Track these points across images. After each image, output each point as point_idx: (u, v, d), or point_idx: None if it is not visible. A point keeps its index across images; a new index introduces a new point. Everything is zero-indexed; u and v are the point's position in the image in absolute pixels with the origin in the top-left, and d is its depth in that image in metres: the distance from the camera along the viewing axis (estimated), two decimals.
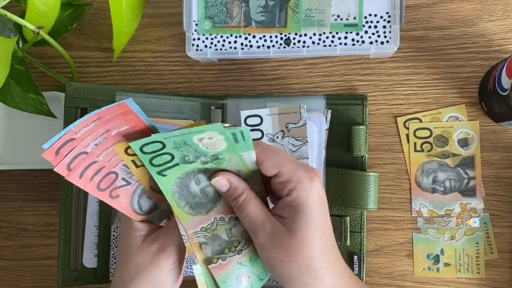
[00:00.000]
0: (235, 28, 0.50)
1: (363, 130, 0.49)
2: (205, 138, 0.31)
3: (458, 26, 0.51)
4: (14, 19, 0.45)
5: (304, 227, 0.33)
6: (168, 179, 0.34)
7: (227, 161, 0.34)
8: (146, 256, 0.37)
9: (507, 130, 0.50)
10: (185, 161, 0.33)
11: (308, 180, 0.34)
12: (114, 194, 0.36)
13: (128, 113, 0.32)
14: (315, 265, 0.33)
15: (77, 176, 0.33)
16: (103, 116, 0.32)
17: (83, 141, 0.32)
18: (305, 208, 0.34)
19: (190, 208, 0.36)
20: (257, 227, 0.34)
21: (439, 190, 0.50)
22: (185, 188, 0.35)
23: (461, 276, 0.49)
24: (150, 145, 0.32)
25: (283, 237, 0.34)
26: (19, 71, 0.47)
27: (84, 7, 0.54)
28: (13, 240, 0.55)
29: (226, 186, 0.35)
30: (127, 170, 0.35)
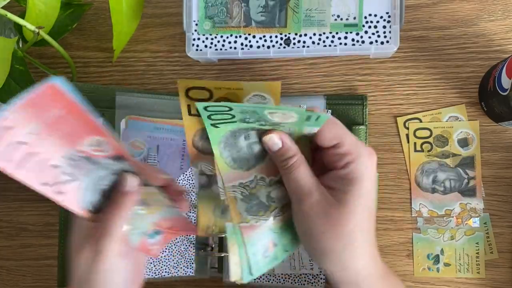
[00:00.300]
0: (235, 28, 0.50)
1: (363, 130, 0.49)
2: (278, 113, 0.30)
3: (458, 26, 0.51)
4: (14, 19, 0.45)
5: (355, 201, 0.32)
6: (219, 130, 0.33)
7: (285, 129, 0.33)
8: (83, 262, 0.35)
9: (507, 130, 0.50)
10: (244, 121, 0.32)
11: (368, 155, 0.34)
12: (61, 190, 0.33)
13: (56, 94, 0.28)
14: (356, 243, 0.33)
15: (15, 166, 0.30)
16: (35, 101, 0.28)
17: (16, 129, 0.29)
18: (361, 183, 0.33)
19: (232, 161, 0.34)
20: (304, 193, 0.33)
21: (439, 190, 0.50)
22: (233, 140, 0.34)
23: (461, 276, 0.49)
24: (217, 107, 0.30)
25: (330, 207, 0.32)
26: (19, 71, 0.47)
27: (84, 7, 0.54)
28: (13, 240, 0.55)
29: (278, 144, 0.34)
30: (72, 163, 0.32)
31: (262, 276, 0.49)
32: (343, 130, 0.34)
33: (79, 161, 0.33)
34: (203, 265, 0.50)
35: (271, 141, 0.34)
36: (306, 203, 0.33)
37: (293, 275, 0.49)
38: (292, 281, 0.49)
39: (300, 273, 0.48)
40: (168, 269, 0.49)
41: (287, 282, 0.49)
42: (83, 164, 0.33)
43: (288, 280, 0.49)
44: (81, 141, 0.32)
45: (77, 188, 0.34)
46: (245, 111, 0.31)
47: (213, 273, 0.50)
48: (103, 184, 0.36)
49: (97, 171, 0.35)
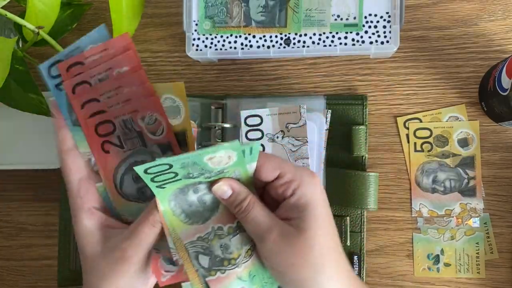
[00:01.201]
0: (235, 28, 0.50)
1: (363, 130, 0.49)
2: (216, 157, 0.31)
3: (458, 26, 0.51)
4: (14, 19, 0.45)
5: (313, 225, 0.33)
6: (166, 190, 0.33)
7: (230, 174, 0.34)
8: (107, 265, 0.35)
9: (507, 130, 0.50)
10: (188, 177, 0.32)
11: (310, 177, 0.34)
12: (106, 148, 0.35)
13: (127, 47, 0.34)
14: (327, 264, 0.33)
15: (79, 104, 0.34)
16: (108, 48, 0.34)
17: (90, 70, 0.34)
18: (313, 205, 0.33)
19: (186, 217, 0.34)
20: (265, 231, 0.33)
21: (439, 190, 0.50)
22: (182, 196, 0.34)
23: (461, 276, 0.49)
24: (157, 167, 0.30)
25: (293, 237, 0.33)
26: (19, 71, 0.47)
27: (84, 7, 0.54)
28: (13, 240, 0.55)
29: (228, 192, 0.34)
30: (125, 130, 0.35)
31: None
32: (280, 160, 0.34)
33: (131, 133, 0.35)
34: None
35: (220, 190, 0.34)
36: (268, 240, 0.33)
37: None
38: None
39: None
40: None
41: None
42: (133, 138, 0.35)
43: None
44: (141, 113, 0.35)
45: (119, 157, 0.36)
46: (185, 165, 0.30)
47: None
48: None
49: (142, 155, 0.36)
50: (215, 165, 0.31)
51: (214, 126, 0.51)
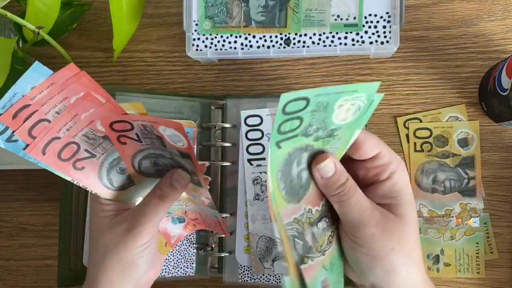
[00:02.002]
0: (235, 28, 0.50)
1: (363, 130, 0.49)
2: (348, 104, 0.28)
3: (458, 26, 0.51)
4: (14, 19, 0.45)
5: (410, 210, 0.33)
6: (280, 153, 0.29)
7: (336, 140, 0.31)
8: (113, 236, 0.35)
9: (507, 130, 0.50)
10: (305, 132, 0.29)
11: (403, 164, 0.33)
12: (79, 166, 0.34)
13: (80, 76, 0.31)
14: (415, 252, 0.33)
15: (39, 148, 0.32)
16: (55, 82, 0.30)
17: (42, 107, 0.31)
18: (407, 190, 0.33)
19: (286, 194, 0.31)
20: (366, 216, 0.32)
21: (439, 190, 0.50)
22: (288, 167, 0.30)
23: (461, 276, 0.49)
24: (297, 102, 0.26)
25: (393, 222, 0.32)
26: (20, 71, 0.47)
27: (84, 7, 0.54)
28: (13, 240, 0.55)
29: (332, 170, 0.31)
30: (89, 141, 0.34)
31: (262, 276, 0.49)
32: (379, 140, 0.33)
33: (98, 140, 0.34)
34: (203, 265, 0.50)
35: (327, 167, 0.31)
36: (371, 225, 0.32)
37: None
38: None
39: None
40: (168, 269, 0.49)
41: None
42: (101, 142, 0.34)
43: None
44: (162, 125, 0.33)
45: (96, 165, 0.35)
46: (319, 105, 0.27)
47: (213, 273, 0.50)
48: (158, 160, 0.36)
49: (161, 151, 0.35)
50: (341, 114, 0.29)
51: (214, 126, 0.51)
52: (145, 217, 0.35)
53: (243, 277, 0.49)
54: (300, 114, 0.27)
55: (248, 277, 0.49)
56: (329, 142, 0.31)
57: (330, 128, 0.30)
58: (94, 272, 0.37)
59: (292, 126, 0.28)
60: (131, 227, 0.35)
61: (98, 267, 0.36)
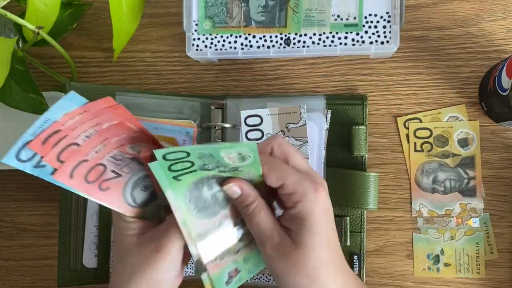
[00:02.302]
0: (235, 28, 0.50)
1: (363, 130, 0.49)
2: (234, 153, 0.31)
3: (458, 26, 0.51)
4: (14, 19, 0.45)
5: (310, 240, 0.34)
6: (182, 183, 0.34)
7: (244, 173, 0.34)
8: (141, 256, 0.36)
9: (507, 130, 0.50)
10: (204, 168, 0.33)
11: (313, 191, 0.34)
12: (104, 187, 0.34)
13: (116, 108, 0.32)
14: (322, 276, 0.34)
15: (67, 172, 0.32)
16: (88, 110, 0.31)
17: (73, 131, 0.31)
18: (311, 221, 0.34)
19: (198, 212, 0.35)
20: (266, 237, 0.35)
21: (439, 190, 0.50)
22: (197, 192, 0.35)
23: (461, 276, 0.49)
24: (175, 154, 0.31)
25: (290, 249, 0.34)
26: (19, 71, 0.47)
27: (84, 7, 0.54)
28: (13, 240, 0.55)
29: (237, 193, 0.35)
30: (116, 162, 0.34)
31: (262, 276, 0.49)
32: (285, 170, 0.35)
33: (124, 161, 0.35)
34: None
35: (230, 190, 0.35)
36: (268, 247, 0.34)
37: None
38: None
39: None
40: None
41: None
42: (127, 162, 0.35)
43: None
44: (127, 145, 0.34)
45: (121, 184, 0.35)
46: (202, 155, 0.31)
47: None
48: (148, 181, 0.37)
49: (143, 170, 0.36)
50: (231, 161, 0.32)
51: (214, 126, 0.51)
52: (170, 236, 0.36)
53: None
54: (186, 159, 0.31)
55: None
56: (239, 174, 0.34)
57: (230, 166, 0.33)
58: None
59: (184, 166, 0.32)
60: (158, 247, 0.36)
61: (125, 285, 0.36)
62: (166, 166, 0.32)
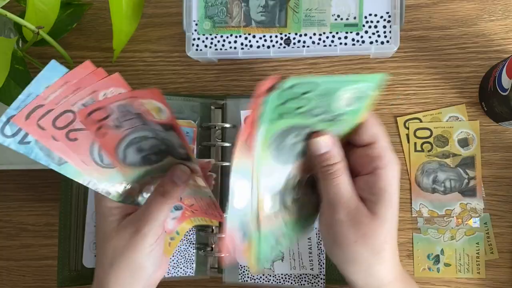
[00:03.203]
0: (235, 28, 0.50)
1: None
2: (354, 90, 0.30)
3: (458, 26, 0.51)
4: (14, 19, 0.45)
5: (386, 212, 0.33)
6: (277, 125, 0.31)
7: (341, 124, 0.33)
8: (121, 240, 0.36)
9: (507, 130, 0.50)
10: (311, 113, 0.31)
11: (396, 162, 0.33)
12: (72, 136, 0.33)
13: (98, 72, 0.31)
14: (385, 252, 0.33)
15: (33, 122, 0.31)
16: (69, 80, 0.30)
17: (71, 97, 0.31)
18: (391, 192, 0.33)
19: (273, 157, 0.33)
20: (341, 202, 0.33)
21: (439, 190, 0.50)
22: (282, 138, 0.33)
23: (461, 276, 0.49)
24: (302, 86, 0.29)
25: (365, 218, 0.33)
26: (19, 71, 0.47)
27: (84, 7, 0.54)
28: (13, 240, 0.55)
29: (327, 148, 0.33)
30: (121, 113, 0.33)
31: (262, 276, 0.49)
32: (381, 131, 0.34)
33: (129, 115, 0.33)
34: (203, 265, 0.50)
35: (321, 143, 0.33)
36: (341, 212, 0.33)
37: (293, 275, 0.49)
38: (292, 281, 0.49)
39: (300, 273, 0.48)
40: (168, 269, 0.49)
41: (287, 282, 0.49)
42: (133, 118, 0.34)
43: (288, 280, 0.49)
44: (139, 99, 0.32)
45: (119, 137, 0.35)
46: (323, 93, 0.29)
47: (213, 273, 0.50)
48: (144, 145, 0.36)
49: (143, 131, 0.35)
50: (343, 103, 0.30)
51: (214, 126, 0.51)
52: (150, 216, 0.36)
53: (243, 277, 0.49)
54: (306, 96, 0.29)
55: (248, 277, 0.49)
56: (334, 125, 0.33)
57: (335, 114, 0.31)
58: (102, 275, 0.37)
59: (298, 104, 0.30)
60: (138, 228, 0.36)
61: (107, 270, 0.37)
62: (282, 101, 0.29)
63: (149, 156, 0.37)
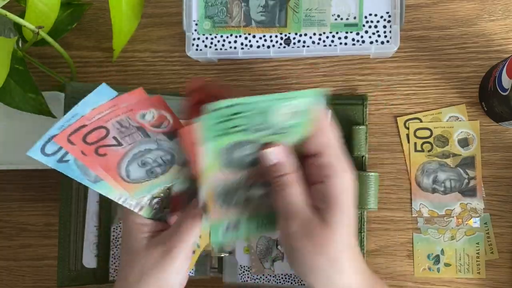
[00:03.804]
0: (235, 28, 0.50)
1: (363, 130, 0.49)
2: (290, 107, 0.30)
3: (458, 26, 0.51)
4: (14, 19, 0.45)
5: (339, 221, 0.32)
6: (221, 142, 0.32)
7: (286, 137, 0.33)
8: (151, 259, 0.36)
9: (507, 130, 0.50)
10: (253, 129, 0.32)
11: (348, 169, 0.33)
12: (101, 152, 0.33)
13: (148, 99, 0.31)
14: (342, 260, 0.33)
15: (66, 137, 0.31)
16: (118, 104, 0.30)
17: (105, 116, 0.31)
18: (342, 200, 0.33)
19: (224, 166, 0.34)
20: (293, 212, 0.33)
21: (439, 190, 0.50)
22: (230, 153, 0.33)
23: (461, 276, 0.49)
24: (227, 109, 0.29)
25: (316, 228, 0.32)
26: (19, 71, 0.47)
27: (84, 7, 0.54)
28: (13, 240, 0.55)
29: (276, 159, 0.34)
30: (121, 129, 0.33)
31: (262, 276, 0.49)
32: (331, 140, 0.34)
33: (130, 129, 0.33)
34: (203, 265, 0.50)
35: (270, 155, 0.34)
36: (294, 223, 0.33)
37: (293, 275, 0.49)
38: (292, 281, 0.49)
39: None
40: None
41: (287, 282, 0.49)
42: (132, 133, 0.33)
43: (288, 280, 0.49)
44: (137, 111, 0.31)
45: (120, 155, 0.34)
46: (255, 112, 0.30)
47: (213, 273, 0.50)
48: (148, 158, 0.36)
49: (146, 144, 0.34)
50: (281, 119, 0.31)
51: None
52: (181, 237, 0.36)
53: (243, 277, 0.49)
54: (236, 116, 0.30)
55: (248, 277, 0.49)
56: (280, 138, 0.33)
57: (277, 127, 0.32)
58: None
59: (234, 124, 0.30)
60: (169, 248, 0.35)
61: (134, 287, 0.36)
62: (216, 122, 0.30)
63: (153, 170, 0.37)
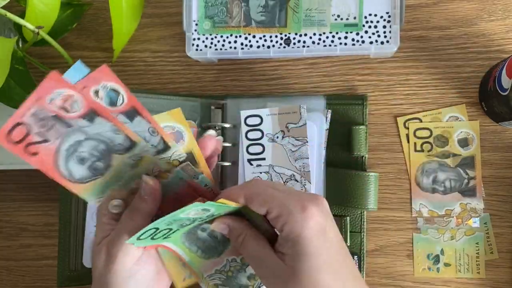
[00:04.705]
0: (235, 28, 0.50)
1: (363, 130, 0.49)
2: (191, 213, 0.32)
3: (458, 26, 0.51)
4: (14, 19, 0.45)
5: (304, 264, 0.31)
6: (173, 239, 0.35)
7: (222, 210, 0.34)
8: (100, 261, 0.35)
9: (507, 130, 0.50)
10: (183, 226, 0.34)
11: (299, 210, 0.32)
12: (32, 151, 0.30)
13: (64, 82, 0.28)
14: None
15: None
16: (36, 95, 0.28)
17: None
18: (302, 243, 0.32)
19: (203, 252, 0.37)
20: (258, 265, 0.34)
21: (439, 190, 0.50)
22: (193, 236, 0.36)
23: (461, 276, 0.49)
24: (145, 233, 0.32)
25: (285, 275, 0.32)
26: (19, 71, 0.47)
27: (84, 7, 0.55)
28: (13, 240, 0.55)
29: (225, 229, 0.35)
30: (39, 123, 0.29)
31: None
32: (269, 194, 0.33)
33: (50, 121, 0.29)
34: None
35: (217, 228, 0.35)
36: (263, 275, 0.34)
37: None
38: None
39: None
40: None
41: None
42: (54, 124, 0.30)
43: None
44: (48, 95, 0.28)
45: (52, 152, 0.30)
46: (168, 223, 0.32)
47: None
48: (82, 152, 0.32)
49: (73, 135, 0.31)
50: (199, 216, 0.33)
51: (214, 126, 0.51)
52: (119, 237, 0.34)
53: None
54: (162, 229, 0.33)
55: None
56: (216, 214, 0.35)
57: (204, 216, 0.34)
58: None
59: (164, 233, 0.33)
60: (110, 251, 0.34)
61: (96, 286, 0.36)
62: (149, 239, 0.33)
63: (95, 165, 0.33)
